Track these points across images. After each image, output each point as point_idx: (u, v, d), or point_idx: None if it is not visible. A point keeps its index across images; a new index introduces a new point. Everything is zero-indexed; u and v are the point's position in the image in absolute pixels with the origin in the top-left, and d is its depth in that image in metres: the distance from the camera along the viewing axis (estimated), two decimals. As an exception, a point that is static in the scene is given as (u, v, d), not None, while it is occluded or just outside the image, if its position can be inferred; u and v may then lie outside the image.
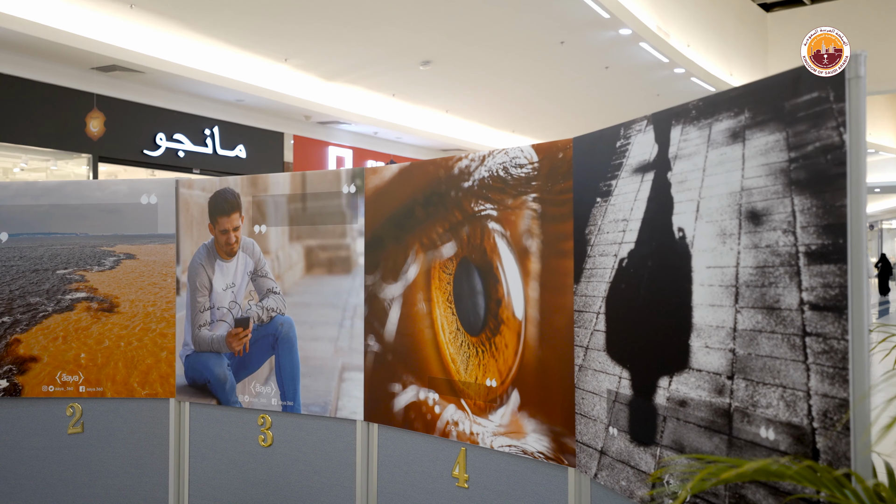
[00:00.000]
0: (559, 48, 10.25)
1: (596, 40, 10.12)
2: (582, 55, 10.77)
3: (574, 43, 10.10)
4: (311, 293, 2.58)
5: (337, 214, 2.53)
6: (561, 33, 9.62)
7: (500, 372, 2.09)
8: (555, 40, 9.89)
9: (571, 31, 9.58)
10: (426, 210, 2.30)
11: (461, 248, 2.21)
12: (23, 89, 8.07)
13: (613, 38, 10.01)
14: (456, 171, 2.22)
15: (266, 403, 2.64)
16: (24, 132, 8.20)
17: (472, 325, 2.17)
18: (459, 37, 9.53)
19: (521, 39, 9.87)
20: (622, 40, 10.12)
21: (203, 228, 2.74)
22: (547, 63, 11.07)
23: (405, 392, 2.34)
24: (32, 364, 2.81)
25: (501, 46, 10.11)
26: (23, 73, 8.03)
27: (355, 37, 9.19)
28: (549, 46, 10.18)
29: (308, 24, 8.55)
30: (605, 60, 11.07)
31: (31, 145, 8.38)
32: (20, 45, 7.58)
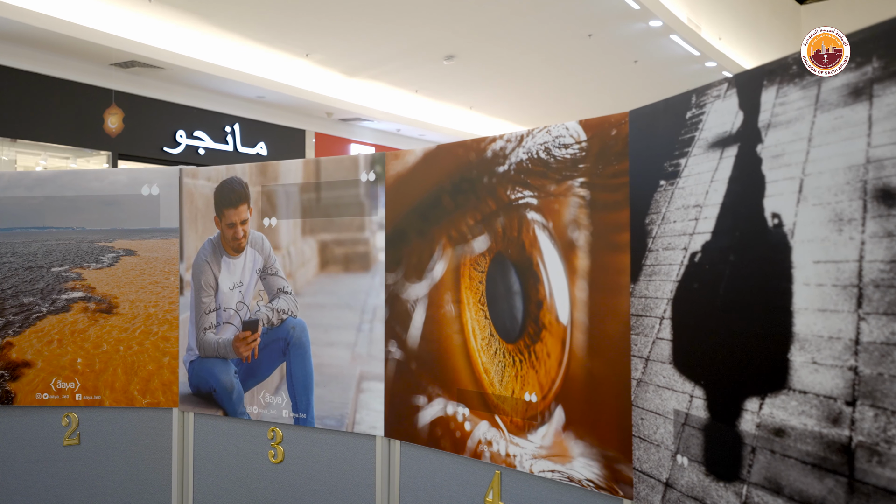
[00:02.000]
0: (587, 41, 9.93)
1: (625, 33, 9.79)
2: (610, 48, 10.43)
3: (602, 36, 9.77)
4: (325, 293, 2.31)
5: (354, 205, 2.26)
6: (589, 26, 9.30)
7: (541, 385, 1.80)
8: (582, 33, 9.56)
9: (600, 23, 9.26)
10: (455, 199, 2.02)
11: (495, 243, 1.93)
12: (42, 86, 7.95)
13: (643, 30, 9.67)
14: (489, 154, 1.94)
15: (276, 415, 2.38)
16: (43, 129, 8.09)
17: (509, 331, 1.89)
18: (484, 30, 9.25)
19: (548, 33, 9.56)
20: (652, 33, 9.77)
21: (208, 222, 2.49)
22: (574, 57, 10.75)
23: (431, 405, 2.07)
24: (25, 370, 2.58)
25: (527, 40, 9.81)
26: (41, 69, 7.91)
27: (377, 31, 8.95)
28: (577, 40, 9.86)
29: (329, 18, 8.32)
30: (635, 54, 10.72)
31: (51, 142, 8.26)
32: (39, 40, 7.46)
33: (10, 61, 7.60)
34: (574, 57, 10.75)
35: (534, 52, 10.34)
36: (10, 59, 7.60)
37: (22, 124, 7.86)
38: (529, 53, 10.40)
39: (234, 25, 8.39)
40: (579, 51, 10.44)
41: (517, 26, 9.15)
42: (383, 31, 8.95)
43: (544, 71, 11.34)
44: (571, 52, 10.52)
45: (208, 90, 9.59)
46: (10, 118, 7.73)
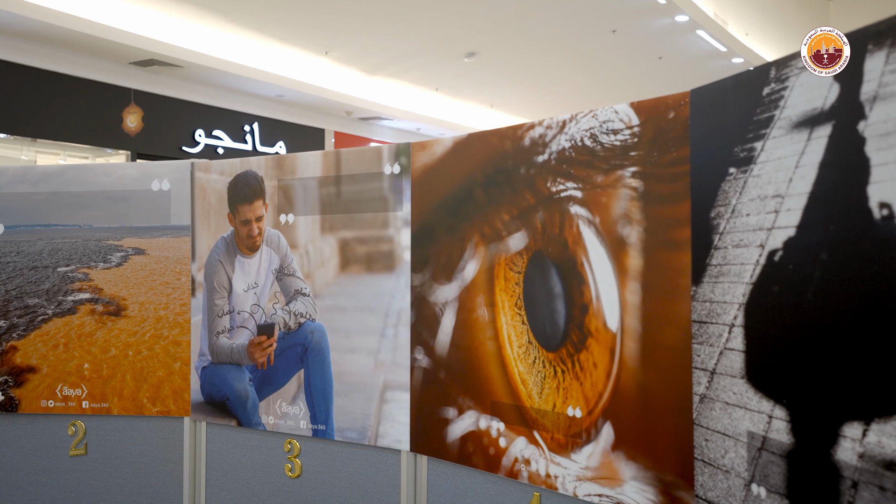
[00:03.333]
0: (611, 37, 9.70)
1: (650, 28, 9.55)
2: (635, 44, 10.20)
3: (626, 32, 9.54)
4: (346, 295, 2.14)
5: (377, 200, 2.09)
6: (613, 21, 9.08)
7: (586, 398, 1.62)
8: (606, 29, 9.34)
9: (624, 18, 9.03)
10: (488, 192, 1.84)
11: (534, 240, 1.74)
12: (61, 85, 7.90)
13: (668, 25, 9.42)
14: (527, 143, 1.76)
15: (293, 426, 2.21)
16: (63, 128, 8.03)
17: (549, 338, 1.71)
18: (505, 27, 9.06)
19: (571, 28, 9.35)
20: (678, 28, 9.53)
21: (222, 218, 2.33)
22: (597, 53, 10.53)
23: (462, 419, 1.89)
24: (30, 375, 2.44)
25: (550, 36, 9.61)
26: (61, 68, 7.86)
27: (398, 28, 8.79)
28: (601, 36, 9.64)
29: (349, 15, 8.18)
30: (659, 50, 10.48)
31: (70, 141, 8.20)
32: (58, 39, 7.40)
33: (30, 60, 7.55)
34: (597, 53, 10.53)
35: (556, 48, 10.14)
36: (30, 57, 7.54)
37: (42, 123, 7.81)
38: (552, 50, 10.20)
39: (253, 23, 8.28)
40: (603, 47, 10.22)
41: (539, 22, 8.94)
42: (403, 28, 8.80)
43: (567, 68, 11.12)
44: (595, 49, 10.30)
45: (227, 89, 9.50)
46: (29, 117, 7.68)
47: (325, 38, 9.00)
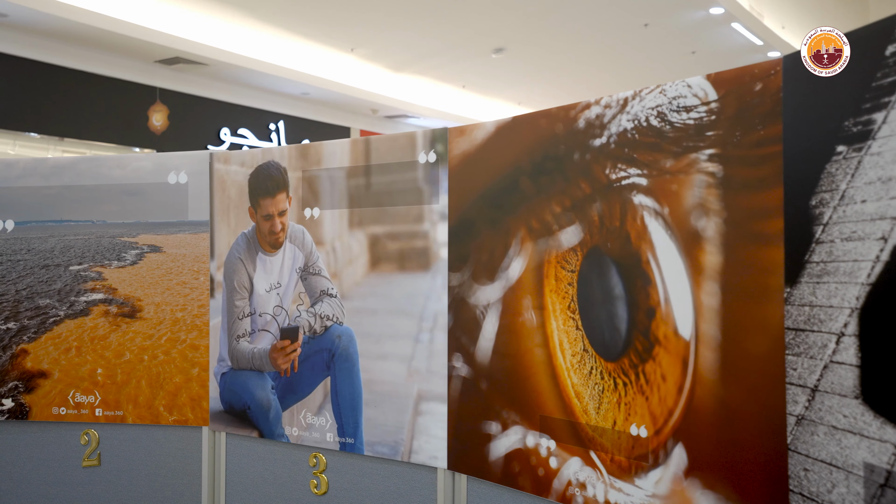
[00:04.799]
0: (642, 31, 9.43)
1: (683, 22, 9.27)
2: (667, 38, 9.91)
3: (659, 25, 9.27)
4: (376, 296, 1.96)
5: (411, 192, 1.90)
6: (645, 14, 8.82)
7: (653, 416, 1.41)
8: (638, 22, 9.08)
9: (657, 11, 8.76)
10: (536, 181, 1.64)
11: (590, 235, 1.54)
12: (87, 83, 7.86)
13: (703, 18, 9.14)
14: (581, 125, 1.55)
15: (319, 439, 2.03)
16: (89, 127, 8.00)
17: (608, 346, 1.50)
18: (534, 21, 8.83)
19: (601, 22, 9.10)
20: (712, 21, 9.24)
21: (242, 213, 2.16)
22: (629, 48, 10.26)
23: (506, 434, 1.69)
24: (41, 380, 2.29)
25: (579, 30, 9.37)
26: (86, 66, 7.82)
27: (424, 24, 8.62)
28: (632, 30, 9.38)
29: (375, 11, 8.03)
30: (693, 45, 10.17)
31: (96, 140, 8.16)
32: (84, 37, 7.36)
33: (57, 59, 7.52)
34: (628, 48, 10.26)
35: (586, 43, 9.89)
36: (57, 56, 7.51)
37: (68, 123, 7.78)
38: (581, 45, 9.95)
39: (278, 20, 8.17)
40: (634, 41, 9.95)
41: (569, 16, 8.71)
42: (430, 23, 8.62)
43: (597, 63, 10.86)
44: (626, 43, 10.03)
45: (253, 87, 9.42)
46: (56, 116, 7.66)
47: (351, 35, 8.86)
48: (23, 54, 7.24)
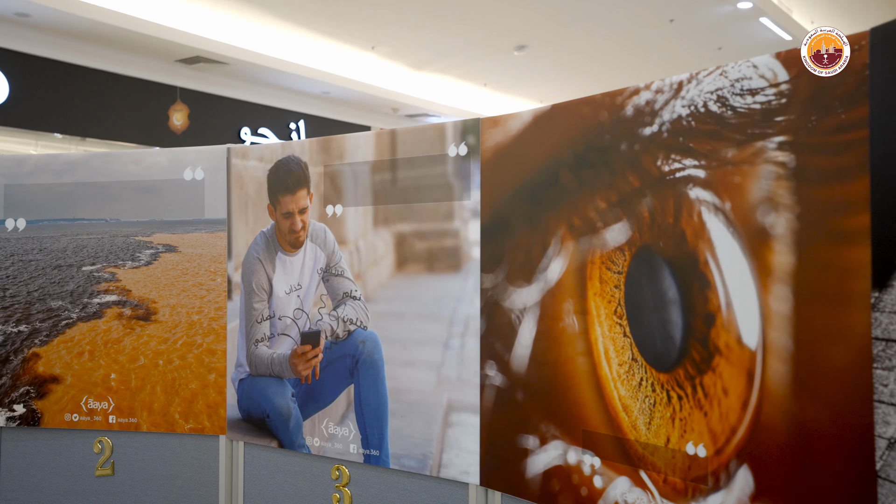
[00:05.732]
0: (668, 27, 9.23)
1: (710, 17, 9.06)
2: (693, 34, 9.70)
3: (685, 20, 9.06)
4: (403, 299, 1.83)
5: (440, 187, 1.77)
6: (670, 10, 8.62)
7: (712, 433, 1.27)
8: (663, 18, 8.88)
9: (683, 6, 8.55)
10: (578, 175, 1.50)
11: (639, 233, 1.40)
12: (109, 83, 7.84)
13: (730, 13, 8.92)
14: (629, 112, 1.42)
15: (342, 450, 1.91)
16: (109, 126, 7.98)
17: (660, 355, 1.36)
18: (557, 17, 8.67)
19: (626, 18, 8.91)
20: (740, 16, 9.02)
21: (261, 211, 2.05)
22: (653, 45, 10.06)
23: (545, 450, 1.55)
24: (54, 385, 2.20)
25: (603, 27, 9.19)
26: (107, 66, 7.80)
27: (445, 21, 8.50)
28: (657, 25, 9.18)
29: (396, 8, 7.92)
30: (719, 40, 9.95)
31: (117, 140, 8.14)
32: (105, 37, 7.33)
33: (78, 59, 7.50)
34: (653, 45, 10.05)
35: (610, 39, 9.70)
36: (78, 56, 7.50)
37: (90, 122, 7.77)
38: (605, 41, 9.77)
39: (298, 18, 8.10)
40: (659, 38, 9.74)
41: (593, 12, 8.54)
42: (451, 21, 8.49)
43: (621, 60, 10.67)
44: (651, 40, 9.83)
45: (273, 86, 9.36)
46: (78, 116, 7.65)
47: (372, 33, 8.76)
48: (44, 54, 7.23)
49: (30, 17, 6.79)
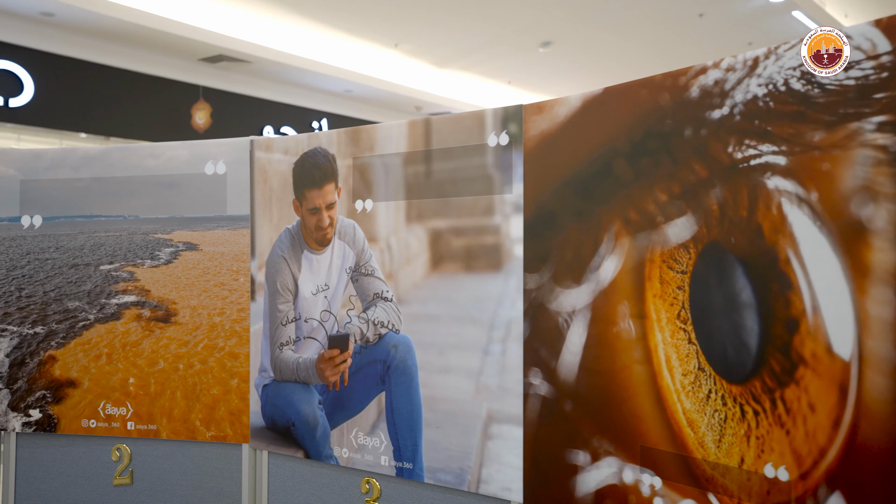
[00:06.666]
0: (697, 22, 9.01)
1: (740, 11, 8.82)
2: (723, 29, 9.46)
3: (714, 15, 8.84)
4: (438, 301, 1.70)
5: (479, 179, 1.64)
6: (699, 4, 8.40)
7: (796, 455, 1.12)
8: (692, 13, 8.66)
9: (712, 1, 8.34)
10: (635, 164, 1.36)
11: (706, 227, 1.26)
12: (131, 82, 7.82)
13: (761, 7, 8.67)
14: (695, 94, 1.27)
15: (372, 462, 1.79)
16: (132, 125, 7.96)
17: (732, 364, 1.22)
18: (583, 13, 8.50)
19: (654, 13, 8.71)
20: (771, 10, 8.77)
21: (286, 206, 1.93)
22: (682, 40, 9.83)
23: (597, 467, 1.41)
24: (70, 390, 2.10)
25: (631, 22, 8.99)
26: (130, 65, 7.77)
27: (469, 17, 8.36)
28: (686, 20, 8.96)
29: (419, 5, 7.80)
30: (750, 35, 9.70)
31: (139, 139, 8.12)
32: (128, 35, 7.30)
33: (102, 58, 7.49)
34: (682, 40, 9.83)
35: (637, 35, 9.50)
36: (102, 55, 7.48)
37: (113, 121, 7.75)
38: (633, 37, 9.57)
39: (321, 16, 8.01)
40: (688, 33, 9.52)
41: (620, 7, 8.35)
42: (475, 17, 8.36)
43: (649, 56, 10.45)
44: (679, 35, 9.61)
45: (295, 84, 9.30)
46: (101, 115, 7.63)
47: (395, 30, 8.65)
48: (68, 53, 7.22)
49: (54, 17, 6.78)
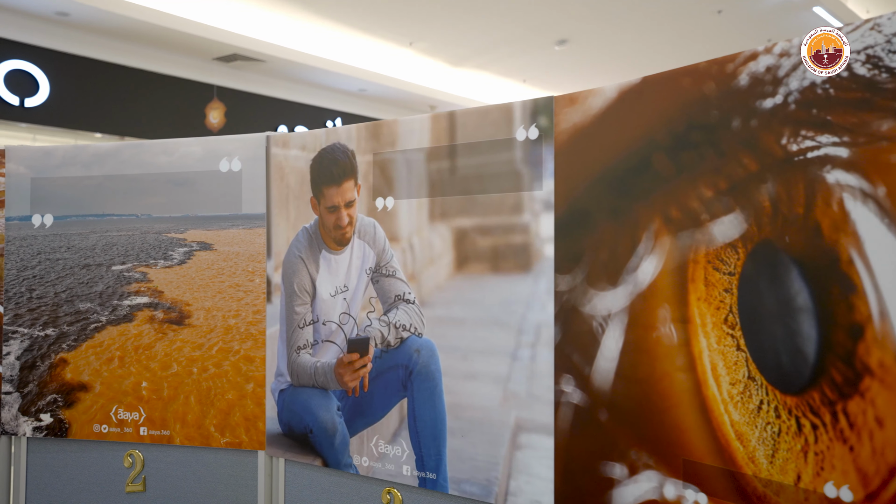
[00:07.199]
0: (715, 19, 8.87)
1: (760, 7, 8.68)
2: (742, 26, 9.32)
3: (734, 11, 8.70)
4: (464, 303, 1.62)
5: (507, 175, 1.56)
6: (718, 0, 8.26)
7: (862, 474, 1.03)
8: (711, 9, 8.53)
9: (732, -5, 8.21)
10: (677, 158, 1.27)
11: (757, 225, 1.16)
12: (145, 81, 7.81)
13: (782, 3, 8.53)
14: (744, 82, 1.18)
15: (394, 472, 1.71)
16: (146, 125, 7.95)
17: (787, 374, 1.12)
18: (600, 10, 8.38)
19: (672, 10, 8.58)
20: (791, 6, 8.62)
21: (303, 205, 1.85)
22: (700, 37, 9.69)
23: (635, 481, 1.33)
24: (82, 394, 2.04)
25: (648, 19, 8.87)
26: (145, 64, 7.76)
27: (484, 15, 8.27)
28: (704, 17, 8.83)
29: (433, 3, 7.73)
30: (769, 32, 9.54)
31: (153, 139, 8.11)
32: (142, 35, 7.29)
33: (117, 57, 7.48)
34: (700, 37, 9.69)
35: (655, 32, 9.37)
36: (117, 55, 7.47)
37: (127, 121, 7.74)
38: (650, 34, 9.44)
39: (335, 14, 7.96)
40: (706, 30, 9.39)
41: (637, 4, 8.23)
42: (490, 15, 8.27)
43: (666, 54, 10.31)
44: (697, 32, 9.47)
45: (309, 84, 9.26)
46: (116, 115, 7.62)
47: (410, 29, 8.59)
48: (84, 53, 7.21)
49: (69, 16, 6.77)
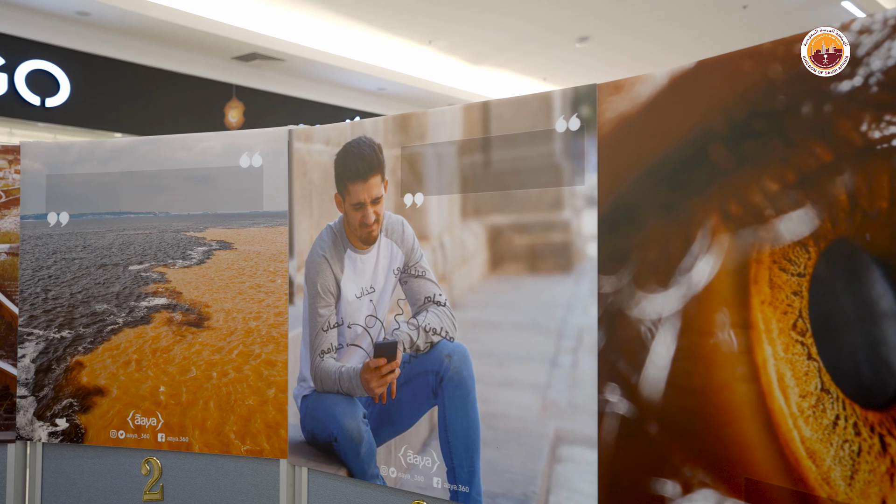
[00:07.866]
0: (741, 14, 8.69)
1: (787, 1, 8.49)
2: (767, 21, 9.12)
3: (759, 5, 8.51)
4: (498, 306, 1.52)
5: (546, 169, 1.45)
6: (744, -6, 8.11)
7: (958, 499, 0.92)
8: (736, 4, 8.35)
9: (757, -10, 8.03)
10: (737, 149, 1.16)
11: (831, 222, 1.05)
12: (164, 81, 7.79)
13: (809, -6, 8.32)
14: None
15: (423, 484, 1.61)
16: (166, 124, 7.94)
17: (867, 387, 1.01)
18: (621, 6, 8.24)
19: (696, 5, 8.42)
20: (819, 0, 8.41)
21: (327, 201, 1.76)
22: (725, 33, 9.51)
23: (689, 499, 1.22)
24: (98, 398, 1.97)
25: (671, 15, 8.71)
26: (165, 64, 7.75)
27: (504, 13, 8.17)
28: (729, 12, 8.65)
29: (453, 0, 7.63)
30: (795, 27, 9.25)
31: (173, 139, 8.11)
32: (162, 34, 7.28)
33: (137, 57, 7.47)
34: (725, 33, 9.51)
35: (678, 28, 9.20)
36: (137, 54, 7.47)
37: (147, 120, 7.73)
38: (673, 31, 9.27)
39: (354, 13, 7.89)
40: (731, 25, 9.20)
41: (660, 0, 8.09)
42: (510, 12, 8.16)
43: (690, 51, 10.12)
44: (722, 28, 9.29)
45: (328, 83, 9.21)
46: (135, 114, 7.62)
47: (429, 26, 8.50)
48: (104, 53, 7.21)
49: (90, 16, 6.76)
